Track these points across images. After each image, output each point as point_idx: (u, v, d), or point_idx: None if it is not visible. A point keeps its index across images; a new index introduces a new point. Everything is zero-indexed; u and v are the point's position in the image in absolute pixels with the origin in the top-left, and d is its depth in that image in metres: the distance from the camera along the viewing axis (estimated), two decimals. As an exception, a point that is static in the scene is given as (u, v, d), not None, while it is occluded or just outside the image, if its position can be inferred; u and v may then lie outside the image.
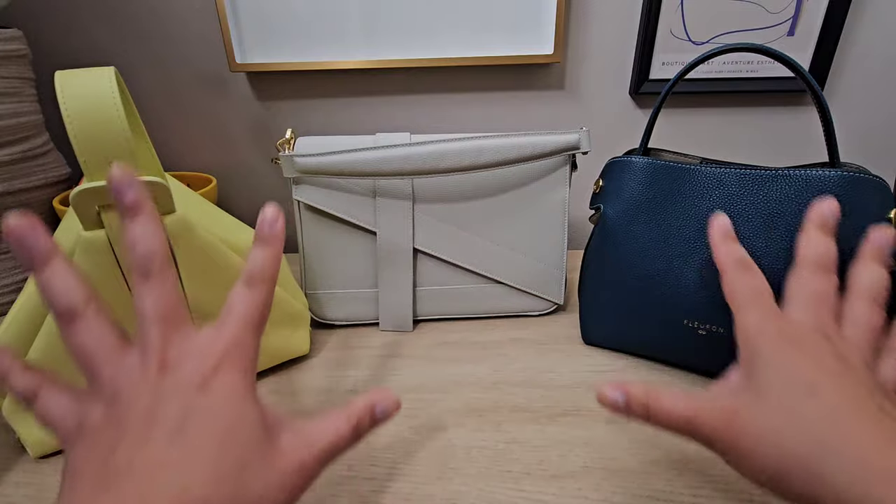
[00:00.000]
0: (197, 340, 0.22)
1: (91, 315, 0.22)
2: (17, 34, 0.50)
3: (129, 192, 0.23)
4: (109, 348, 0.22)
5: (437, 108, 0.65)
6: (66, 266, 0.22)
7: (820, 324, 0.24)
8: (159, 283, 0.22)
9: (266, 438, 0.21)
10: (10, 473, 0.33)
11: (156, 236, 0.23)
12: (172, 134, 0.66)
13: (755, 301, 0.25)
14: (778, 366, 0.22)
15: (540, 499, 0.30)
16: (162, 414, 0.20)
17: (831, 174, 0.32)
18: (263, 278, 0.24)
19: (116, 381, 0.21)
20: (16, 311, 0.32)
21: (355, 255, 0.47)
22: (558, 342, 0.46)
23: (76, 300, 0.21)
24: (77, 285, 0.22)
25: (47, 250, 0.22)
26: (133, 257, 0.22)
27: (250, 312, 0.24)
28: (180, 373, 0.21)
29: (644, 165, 0.39)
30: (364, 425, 0.24)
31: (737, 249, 0.28)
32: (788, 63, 0.35)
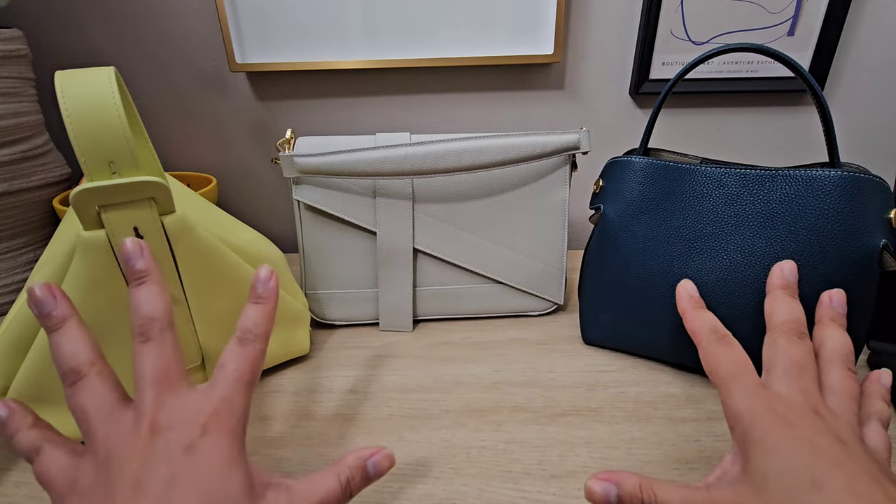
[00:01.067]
0: (188, 401, 0.23)
1: (93, 376, 0.23)
2: (17, 34, 0.50)
3: (139, 261, 0.25)
4: (107, 409, 0.22)
5: (437, 108, 0.65)
6: (78, 329, 0.24)
7: (808, 398, 0.23)
8: (158, 346, 0.23)
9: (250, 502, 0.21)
10: (10, 473, 0.33)
11: (160, 301, 0.24)
12: (172, 134, 0.66)
13: (738, 376, 0.25)
14: (775, 454, 0.21)
15: (540, 499, 0.30)
16: (148, 480, 0.20)
17: (831, 174, 0.32)
18: (256, 335, 0.25)
19: (109, 442, 0.22)
20: (16, 312, 0.32)
21: (355, 255, 0.47)
22: (558, 342, 0.46)
23: (81, 361, 0.23)
24: (84, 348, 0.23)
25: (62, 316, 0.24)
26: (135, 320, 0.24)
27: (242, 370, 0.24)
28: (170, 435, 0.21)
29: (644, 165, 0.39)
30: (355, 483, 0.24)
31: (709, 318, 0.28)
32: (788, 63, 0.35)
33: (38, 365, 0.31)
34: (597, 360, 0.43)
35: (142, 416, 0.22)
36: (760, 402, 0.23)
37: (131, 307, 0.24)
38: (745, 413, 0.23)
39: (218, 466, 0.21)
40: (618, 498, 0.22)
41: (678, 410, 0.37)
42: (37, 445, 0.23)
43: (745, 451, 0.22)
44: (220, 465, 0.21)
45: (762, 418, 0.22)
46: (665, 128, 0.65)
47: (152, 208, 0.30)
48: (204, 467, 0.21)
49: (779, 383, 0.24)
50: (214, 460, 0.21)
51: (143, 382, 0.23)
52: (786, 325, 0.26)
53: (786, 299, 0.28)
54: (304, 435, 0.36)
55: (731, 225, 0.36)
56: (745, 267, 0.35)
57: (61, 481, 0.22)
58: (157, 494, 0.20)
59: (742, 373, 0.25)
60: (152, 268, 0.25)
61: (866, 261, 0.32)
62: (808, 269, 0.33)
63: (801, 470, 0.20)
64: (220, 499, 0.20)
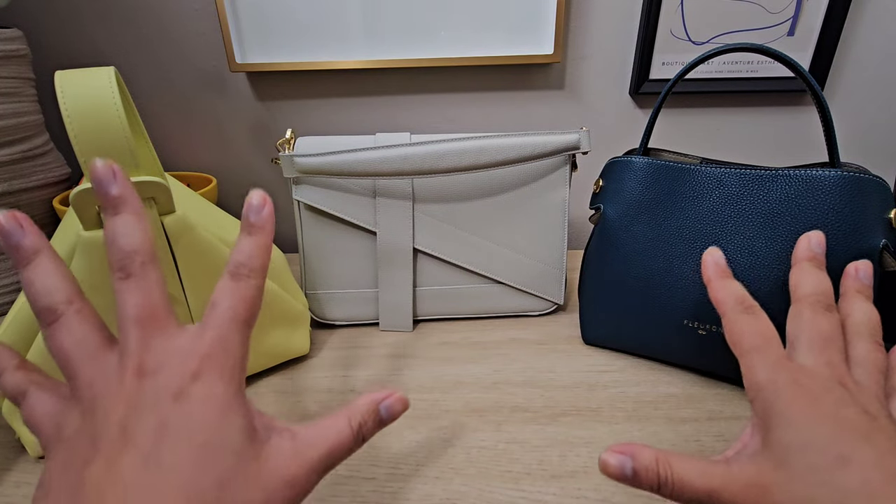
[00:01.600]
0: (178, 343, 0.21)
1: (72, 315, 0.21)
2: (17, 34, 0.50)
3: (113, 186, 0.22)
4: (90, 350, 0.21)
5: (437, 108, 0.65)
6: (51, 264, 0.21)
7: (833, 371, 0.22)
8: (140, 282, 0.21)
9: (250, 451, 0.20)
10: (10, 473, 0.33)
11: (138, 232, 0.22)
12: (172, 134, 0.66)
13: (762, 348, 0.23)
14: (799, 428, 0.20)
15: (540, 499, 0.30)
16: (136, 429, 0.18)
17: (831, 174, 0.32)
18: (251, 269, 0.23)
19: (94, 385, 0.20)
20: (16, 312, 0.32)
21: (355, 255, 0.47)
22: (558, 342, 0.46)
23: (57, 300, 0.21)
24: (59, 284, 0.21)
25: (32, 247, 0.21)
26: (112, 254, 0.21)
27: (236, 308, 0.22)
28: (158, 380, 0.20)
29: (644, 165, 0.39)
30: (368, 427, 0.23)
31: (735, 288, 0.26)
32: (788, 63, 0.35)
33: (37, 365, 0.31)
34: (597, 360, 0.43)
35: (127, 359, 0.20)
36: (784, 373, 0.22)
37: (107, 240, 0.21)
38: (767, 385, 0.22)
39: (212, 413, 0.19)
40: (633, 470, 0.21)
41: (678, 410, 0.37)
42: (23, 388, 0.22)
43: (766, 424, 0.21)
44: (215, 411, 0.19)
45: (785, 391, 0.21)
46: (665, 128, 0.65)
47: (152, 208, 0.30)
48: (197, 415, 0.19)
49: (804, 355, 0.23)
50: (208, 407, 0.19)
51: (126, 322, 0.21)
52: (812, 296, 0.25)
53: (812, 271, 0.26)
54: (304, 435, 0.36)
55: (731, 225, 0.36)
56: (746, 267, 0.35)
57: (48, 426, 0.21)
58: (146, 445, 0.18)
59: (767, 345, 0.23)
60: (128, 194, 0.22)
61: (866, 261, 0.32)
62: (808, 269, 0.33)
63: (827, 444, 0.19)
64: (216, 448, 0.19)
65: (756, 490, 0.20)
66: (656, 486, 0.21)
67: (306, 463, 0.21)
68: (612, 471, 0.22)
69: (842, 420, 0.20)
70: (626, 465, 0.22)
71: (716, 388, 0.39)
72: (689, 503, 0.21)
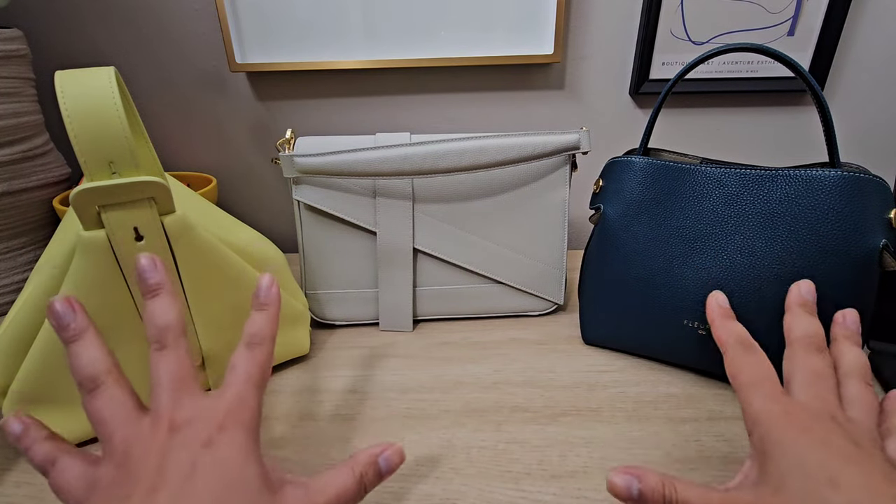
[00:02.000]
0: (204, 402, 0.24)
1: (110, 384, 0.24)
2: (17, 34, 0.50)
3: (154, 275, 0.26)
4: (125, 413, 0.23)
5: (437, 108, 0.65)
6: (95, 340, 0.25)
7: (825, 405, 0.24)
8: (173, 353, 0.24)
9: (266, 494, 0.22)
10: (10, 473, 0.33)
11: (172, 312, 0.25)
12: (172, 134, 0.66)
13: (760, 383, 0.25)
14: (792, 454, 0.22)
15: (540, 499, 0.30)
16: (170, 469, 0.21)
17: (831, 174, 0.32)
18: (263, 339, 0.26)
19: (128, 443, 0.22)
20: (16, 311, 0.32)
21: (355, 255, 0.47)
22: (558, 342, 0.46)
23: (99, 370, 0.24)
24: (102, 357, 0.24)
25: (82, 328, 0.25)
26: (150, 329, 0.25)
27: (252, 371, 0.25)
28: (188, 432, 0.22)
29: (644, 165, 0.39)
30: (369, 478, 0.25)
31: (738, 329, 0.29)
32: (788, 63, 0.35)
33: (38, 365, 0.31)
34: (597, 360, 0.43)
35: (160, 417, 0.23)
36: (778, 405, 0.24)
37: (146, 318, 0.25)
38: (763, 416, 0.23)
39: (236, 459, 0.22)
40: (639, 491, 0.23)
41: (678, 410, 0.37)
42: (52, 457, 0.24)
43: (764, 453, 0.23)
44: (239, 457, 0.22)
45: (779, 420, 0.23)
46: (665, 128, 0.65)
47: (152, 208, 0.30)
48: (223, 459, 0.21)
49: (798, 391, 0.25)
50: (233, 453, 0.22)
51: (160, 387, 0.24)
52: (805, 338, 0.27)
53: (804, 315, 0.28)
54: (304, 435, 0.36)
55: (731, 225, 0.36)
56: (746, 267, 0.35)
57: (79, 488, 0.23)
58: (178, 482, 0.20)
59: (764, 379, 0.25)
60: (165, 280, 0.26)
61: (866, 261, 0.32)
62: (808, 269, 0.33)
63: (818, 468, 0.21)
64: (240, 489, 0.21)
65: None
66: None
67: None
68: (619, 491, 0.23)
69: (831, 446, 0.21)
70: (633, 485, 0.23)
71: (716, 388, 0.39)
72: None
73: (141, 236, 0.31)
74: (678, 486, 0.23)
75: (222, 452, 0.22)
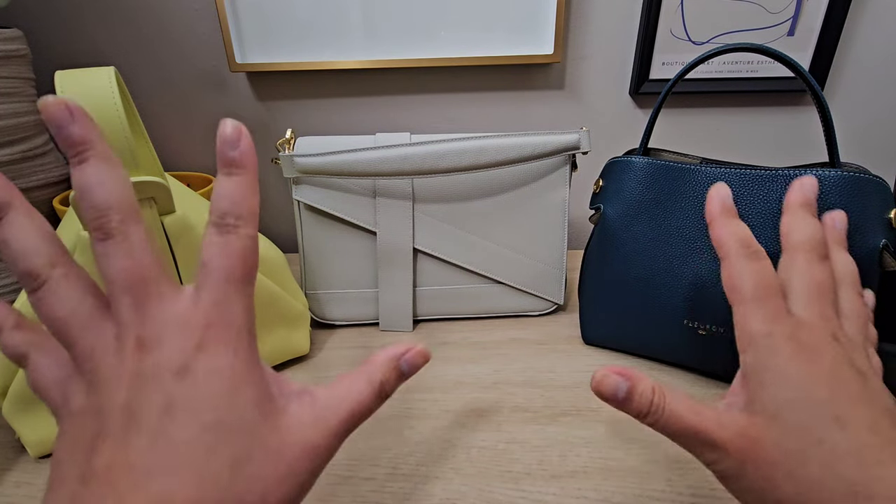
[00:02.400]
0: (176, 310, 0.19)
1: (58, 279, 0.19)
2: (17, 34, 0.50)
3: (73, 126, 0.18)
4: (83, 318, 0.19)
5: (437, 108, 0.65)
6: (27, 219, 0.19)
7: (828, 324, 0.22)
8: (122, 242, 0.18)
9: (267, 425, 0.19)
10: (10, 473, 0.33)
11: (110, 181, 0.18)
12: (172, 134, 0.66)
13: (762, 298, 0.22)
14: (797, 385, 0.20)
15: (540, 499, 0.30)
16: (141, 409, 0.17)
17: (831, 174, 0.32)
18: (238, 217, 0.19)
19: (94, 357, 0.18)
20: (16, 311, 0.32)
21: (355, 255, 0.47)
22: (558, 342, 0.46)
23: (38, 263, 0.18)
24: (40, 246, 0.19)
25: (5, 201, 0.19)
26: (85, 212, 0.18)
27: (230, 265, 0.19)
28: (159, 355, 0.18)
29: (644, 165, 0.39)
30: (389, 384, 0.22)
31: (741, 229, 0.24)
32: (788, 63, 0.35)
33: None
34: (597, 360, 0.43)
35: (124, 330, 0.18)
36: (781, 327, 0.21)
37: (77, 195, 0.18)
38: (763, 338, 0.21)
39: (220, 389, 0.18)
40: (627, 393, 0.21)
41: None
42: (23, 350, 0.20)
43: (759, 378, 0.21)
44: (223, 386, 0.18)
45: (783, 346, 0.21)
46: (665, 128, 0.65)
47: (152, 208, 0.30)
48: (203, 392, 0.18)
49: (800, 307, 0.22)
50: (215, 382, 0.18)
51: (115, 289, 0.18)
52: (807, 244, 0.24)
53: (806, 217, 0.25)
54: (304, 435, 0.36)
55: (731, 225, 0.35)
56: (745, 267, 0.35)
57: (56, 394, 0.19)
58: (152, 427, 0.17)
59: (767, 295, 0.22)
60: (94, 137, 0.19)
61: (866, 261, 0.32)
62: (808, 269, 0.33)
63: (824, 405, 0.19)
64: (228, 426, 0.18)
65: (746, 441, 0.20)
66: (645, 412, 0.21)
67: (328, 430, 0.20)
68: (605, 391, 0.22)
69: (839, 380, 0.20)
70: (621, 387, 0.22)
71: (716, 388, 0.39)
72: (674, 437, 0.21)
73: (141, 236, 0.31)
74: (667, 394, 0.21)
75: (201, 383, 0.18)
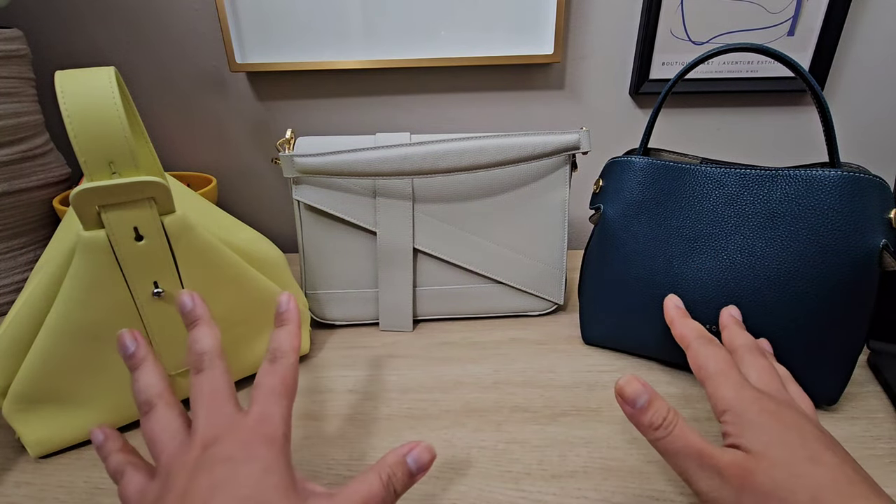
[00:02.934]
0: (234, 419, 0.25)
1: (161, 406, 0.26)
2: (17, 34, 0.50)
3: (193, 307, 0.28)
4: (171, 433, 0.25)
5: (437, 108, 0.65)
6: (153, 366, 0.27)
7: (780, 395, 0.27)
8: (209, 373, 0.26)
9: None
10: (10, 473, 0.33)
11: (209, 338, 0.27)
12: (172, 134, 0.66)
13: (726, 372, 0.28)
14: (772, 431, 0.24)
15: (540, 499, 0.30)
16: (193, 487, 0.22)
17: (831, 174, 0.32)
18: (284, 352, 0.27)
19: (171, 462, 0.24)
20: (16, 311, 0.32)
21: (355, 255, 0.47)
22: (558, 342, 0.46)
23: (152, 394, 0.26)
24: (156, 382, 0.27)
25: (142, 356, 0.28)
26: (190, 356, 0.27)
27: (274, 384, 0.26)
28: (215, 449, 0.23)
29: (644, 165, 0.39)
30: (398, 479, 0.25)
31: (696, 325, 0.32)
32: (788, 63, 0.35)
33: (37, 365, 0.31)
34: (597, 360, 0.43)
35: (195, 435, 0.24)
36: (748, 392, 0.26)
37: (188, 346, 0.27)
38: (737, 400, 0.26)
39: (256, 471, 0.22)
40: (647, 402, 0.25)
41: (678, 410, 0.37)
42: (121, 469, 0.26)
43: (740, 425, 0.25)
44: (258, 470, 0.22)
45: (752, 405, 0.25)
46: (665, 128, 0.65)
47: (152, 208, 0.30)
48: (242, 474, 0.22)
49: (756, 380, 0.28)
50: (252, 467, 0.22)
51: (196, 405, 0.25)
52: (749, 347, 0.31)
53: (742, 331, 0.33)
54: (305, 435, 0.36)
55: (731, 225, 0.36)
56: (745, 267, 0.35)
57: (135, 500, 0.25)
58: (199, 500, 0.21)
59: (729, 369, 0.28)
60: (203, 312, 0.28)
61: (866, 261, 0.32)
62: (808, 269, 0.33)
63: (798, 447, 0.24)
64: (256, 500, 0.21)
65: (742, 471, 0.23)
66: (658, 425, 0.25)
67: None
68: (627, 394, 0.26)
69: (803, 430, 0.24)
70: (642, 396, 0.26)
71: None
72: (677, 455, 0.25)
73: (141, 236, 0.31)
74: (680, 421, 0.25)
75: (241, 467, 0.22)
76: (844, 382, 0.36)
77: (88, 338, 0.32)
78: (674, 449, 0.25)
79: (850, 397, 0.37)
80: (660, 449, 0.25)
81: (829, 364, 0.35)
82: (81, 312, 0.31)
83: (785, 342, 0.35)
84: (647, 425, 0.25)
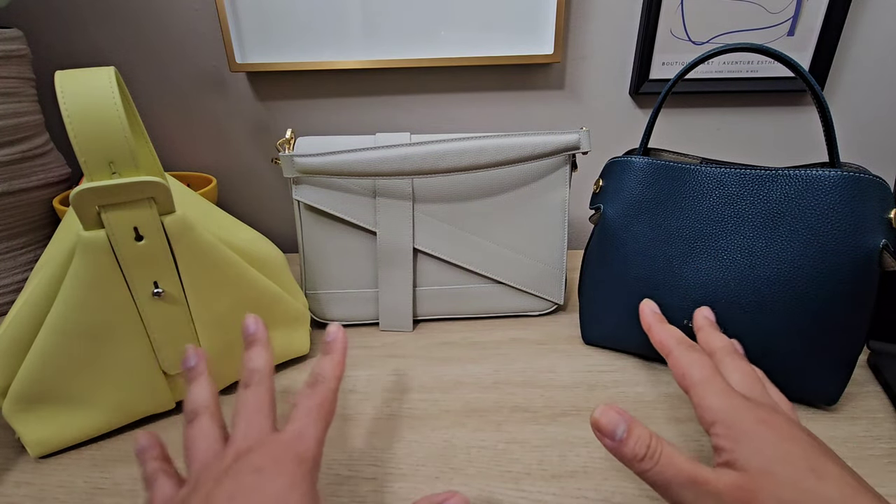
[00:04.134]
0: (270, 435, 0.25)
1: (205, 416, 0.27)
2: (17, 34, 0.50)
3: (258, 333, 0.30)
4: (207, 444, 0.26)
5: (437, 108, 0.65)
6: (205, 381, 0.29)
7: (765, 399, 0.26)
8: (255, 389, 0.27)
9: None
10: (10, 473, 0.33)
11: (262, 358, 0.28)
12: (172, 134, 0.66)
13: (711, 378, 0.26)
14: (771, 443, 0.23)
15: (540, 499, 0.30)
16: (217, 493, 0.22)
17: (831, 174, 0.32)
18: (325, 378, 0.28)
19: (201, 469, 0.24)
20: (16, 311, 0.32)
21: (355, 255, 0.47)
22: (558, 342, 0.46)
23: (199, 405, 0.27)
24: (205, 395, 0.28)
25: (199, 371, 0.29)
26: (243, 373, 0.28)
27: (310, 406, 0.27)
28: (246, 458, 0.23)
29: (644, 165, 0.39)
30: None
31: (675, 331, 0.30)
32: (788, 63, 0.35)
33: (37, 365, 0.31)
34: (597, 360, 0.43)
35: (230, 446, 0.25)
36: (735, 400, 0.25)
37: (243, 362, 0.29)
38: (723, 411, 0.24)
39: (281, 486, 0.22)
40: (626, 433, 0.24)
41: (678, 410, 0.37)
42: (154, 475, 0.26)
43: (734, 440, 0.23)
44: (283, 485, 0.22)
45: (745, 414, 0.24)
46: (665, 128, 0.65)
47: (152, 208, 0.30)
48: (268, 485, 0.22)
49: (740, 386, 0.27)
50: (279, 481, 0.23)
51: (237, 418, 0.26)
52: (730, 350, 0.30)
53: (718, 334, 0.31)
54: (304, 435, 0.36)
55: (731, 225, 0.36)
56: (745, 267, 0.35)
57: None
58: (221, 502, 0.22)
59: (714, 376, 0.26)
60: (263, 335, 0.30)
61: (866, 261, 0.32)
62: (808, 269, 0.33)
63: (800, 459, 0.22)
64: None
65: (744, 493, 0.22)
66: (641, 456, 0.23)
67: None
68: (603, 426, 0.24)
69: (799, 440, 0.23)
70: (620, 426, 0.24)
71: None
72: (669, 485, 0.23)
73: (141, 236, 0.31)
74: (664, 442, 0.23)
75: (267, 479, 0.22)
76: (844, 382, 0.36)
77: (88, 338, 0.32)
78: (664, 480, 0.23)
79: (850, 397, 0.37)
80: (649, 481, 0.24)
81: (828, 364, 0.35)
82: (81, 312, 0.31)
83: (785, 342, 0.35)
84: (632, 457, 0.24)
